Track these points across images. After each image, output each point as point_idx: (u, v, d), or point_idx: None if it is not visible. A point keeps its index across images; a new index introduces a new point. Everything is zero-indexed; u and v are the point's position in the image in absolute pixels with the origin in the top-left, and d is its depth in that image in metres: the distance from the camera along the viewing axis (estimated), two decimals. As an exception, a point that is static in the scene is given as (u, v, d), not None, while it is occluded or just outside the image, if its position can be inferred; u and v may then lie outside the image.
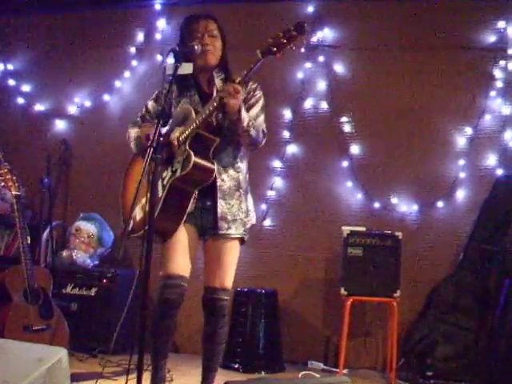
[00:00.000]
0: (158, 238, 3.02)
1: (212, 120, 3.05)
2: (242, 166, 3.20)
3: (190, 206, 3.09)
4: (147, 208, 2.95)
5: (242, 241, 3.22)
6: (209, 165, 3.03)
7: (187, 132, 3.02)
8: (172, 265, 3.05)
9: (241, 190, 3.17)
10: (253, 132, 3.04)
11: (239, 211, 3.15)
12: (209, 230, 3.16)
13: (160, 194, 2.99)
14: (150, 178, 2.69)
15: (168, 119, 3.20)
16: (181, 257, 3.08)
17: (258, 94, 3.20)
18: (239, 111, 2.94)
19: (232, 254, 3.18)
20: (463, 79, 4.72)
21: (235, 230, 3.14)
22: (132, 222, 3.03)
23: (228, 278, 3.17)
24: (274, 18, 4.96)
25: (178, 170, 3.02)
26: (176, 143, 3.05)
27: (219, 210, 3.10)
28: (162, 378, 3.12)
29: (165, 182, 3.03)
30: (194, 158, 2.97)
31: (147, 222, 2.67)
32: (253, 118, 3.10)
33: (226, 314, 3.18)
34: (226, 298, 3.16)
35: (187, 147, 3.00)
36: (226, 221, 3.11)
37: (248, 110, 3.12)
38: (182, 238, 3.09)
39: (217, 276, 3.15)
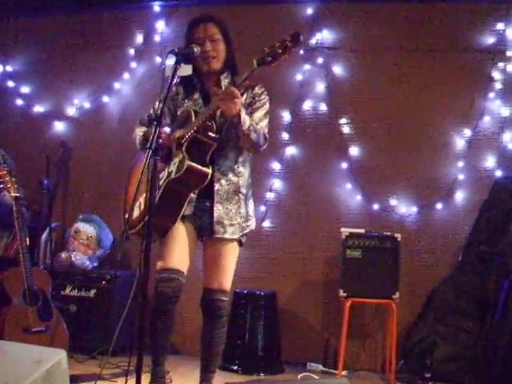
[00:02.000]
0: (154, 234, 3.02)
1: (212, 124, 3.05)
2: (244, 170, 3.21)
3: (190, 207, 3.10)
4: (142, 207, 2.99)
5: (240, 243, 3.23)
6: (203, 169, 3.04)
7: (185, 135, 3.03)
8: (167, 259, 3.06)
9: (240, 195, 3.17)
10: (253, 136, 3.04)
11: (237, 215, 3.16)
12: (206, 231, 3.17)
13: (155, 194, 3.00)
14: (148, 178, 2.70)
15: (171, 121, 3.22)
16: (177, 252, 3.08)
17: (264, 98, 3.21)
18: (238, 115, 2.94)
19: (230, 255, 3.19)
20: (462, 81, 4.72)
21: (231, 235, 3.15)
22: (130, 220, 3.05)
23: (226, 279, 3.18)
24: (273, 20, 4.97)
25: (173, 172, 3.04)
26: (174, 145, 3.07)
27: (215, 214, 3.11)
28: (162, 374, 3.12)
29: (160, 183, 3.06)
30: (187, 162, 2.99)
31: (145, 221, 2.69)
32: (255, 121, 3.10)
33: (224, 316, 3.18)
34: (224, 299, 3.16)
35: (183, 150, 3.01)
36: (222, 225, 3.12)
37: (252, 113, 3.13)
38: (181, 234, 3.10)
39: (215, 278, 3.16)
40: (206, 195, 3.12)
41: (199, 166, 3.03)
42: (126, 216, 3.17)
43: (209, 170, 3.05)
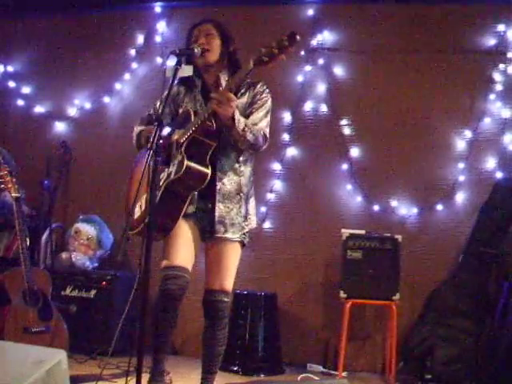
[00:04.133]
0: (156, 234, 3.02)
1: (211, 124, 3.04)
2: (245, 169, 3.20)
3: (191, 208, 3.10)
4: (143, 208, 2.99)
5: (242, 244, 3.22)
6: (203, 169, 3.03)
7: (185, 135, 3.03)
8: (172, 256, 3.06)
9: (241, 194, 3.17)
10: (250, 137, 3.03)
11: (237, 215, 3.16)
12: (207, 232, 3.17)
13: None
14: (147, 176, 2.70)
15: (172, 120, 3.22)
16: (182, 250, 3.09)
17: (265, 97, 3.20)
18: (232, 118, 2.94)
19: (232, 256, 3.19)
20: (463, 82, 4.72)
21: (232, 234, 3.15)
22: (131, 220, 3.06)
23: (228, 280, 3.18)
24: (274, 21, 4.98)
25: (172, 173, 3.04)
26: (174, 145, 3.07)
27: (217, 214, 3.11)
28: (162, 372, 3.11)
29: (160, 184, 3.05)
30: (186, 162, 2.98)
31: (146, 222, 2.69)
32: (255, 121, 3.10)
33: (226, 317, 3.18)
34: (226, 300, 3.16)
35: (183, 150, 3.01)
36: (224, 224, 3.12)
37: (252, 112, 3.12)
38: (185, 233, 3.11)
39: (217, 278, 3.16)
40: (207, 195, 3.12)
41: (198, 167, 3.02)
42: (126, 216, 3.18)
43: (208, 171, 3.04)
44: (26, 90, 5.57)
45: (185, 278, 3.05)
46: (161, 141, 2.76)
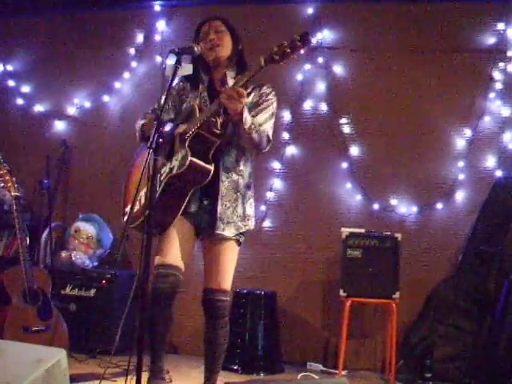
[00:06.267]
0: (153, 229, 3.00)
1: (216, 120, 3.03)
2: (245, 169, 3.20)
3: (194, 205, 3.10)
4: (142, 202, 2.98)
5: (238, 243, 3.22)
6: (206, 165, 3.03)
7: (189, 130, 3.03)
8: (165, 254, 3.05)
9: (238, 194, 3.17)
10: (255, 136, 3.02)
11: (233, 214, 3.15)
12: (205, 229, 3.17)
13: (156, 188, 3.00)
14: (146, 174, 2.70)
15: (175, 116, 3.23)
16: (175, 248, 3.08)
17: (271, 99, 3.20)
18: (241, 113, 2.93)
19: (229, 255, 3.18)
20: (463, 81, 4.72)
21: (228, 232, 3.14)
22: (129, 214, 3.01)
23: (226, 279, 3.17)
24: (273, 20, 4.98)
25: (175, 168, 3.03)
26: (177, 140, 3.06)
27: (219, 210, 3.11)
28: (160, 370, 3.11)
29: (162, 178, 3.05)
30: (190, 158, 2.97)
31: (145, 215, 2.69)
32: (260, 122, 3.09)
33: (226, 315, 3.17)
34: (224, 299, 3.15)
35: (186, 146, 3.01)
36: (222, 221, 3.12)
37: (257, 113, 3.12)
38: (179, 232, 3.10)
39: (214, 277, 3.15)
40: (207, 194, 3.12)
41: (201, 163, 3.01)
42: (127, 209, 3.15)
43: (211, 167, 3.03)
44: (26, 88, 5.57)
45: (176, 277, 3.04)
46: (160, 140, 2.75)
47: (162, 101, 2.89)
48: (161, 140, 2.75)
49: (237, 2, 5.10)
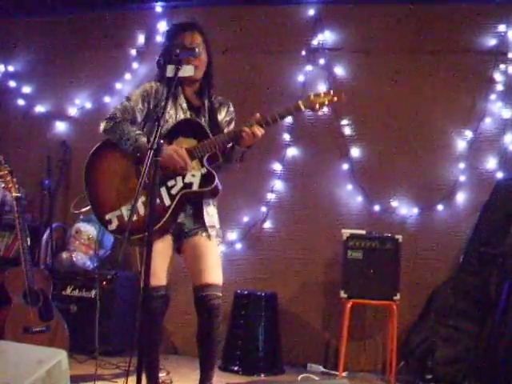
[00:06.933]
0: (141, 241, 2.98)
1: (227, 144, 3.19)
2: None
3: (181, 216, 3.18)
4: (141, 213, 2.97)
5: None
6: (219, 184, 3.17)
7: (204, 148, 3.10)
8: (153, 277, 2.90)
9: (212, 201, 3.26)
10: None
11: (212, 219, 3.25)
12: (185, 232, 3.20)
13: (165, 202, 3.07)
14: (145, 180, 2.71)
15: (142, 119, 3.29)
16: (159, 267, 3.09)
17: (233, 112, 3.39)
18: (248, 147, 3.12)
19: (212, 249, 3.20)
20: (463, 83, 4.72)
21: (212, 233, 3.22)
22: (128, 222, 2.91)
23: (214, 272, 3.15)
24: (274, 21, 4.98)
25: (195, 185, 3.09)
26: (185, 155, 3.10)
27: (204, 213, 3.19)
28: (156, 373, 3.17)
29: (173, 192, 3.08)
30: (217, 180, 3.10)
31: (147, 225, 2.68)
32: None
33: (218, 310, 3.11)
34: (215, 293, 3.11)
35: (205, 164, 3.11)
36: (208, 222, 3.21)
37: (228, 125, 3.32)
38: (161, 248, 3.10)
39: (201, 273, 3.14)
40: (189, 201, 3.18)
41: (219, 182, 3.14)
42: (107, 217, 3.14)
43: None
44: (27, 89, 5.57)
45: (165, 296, 3.13)
46: (161, 140, 2.75)
47: (165, 104, 2.88)
48: (161, 141, 2.75)
49: (237, 3, 5.11)
